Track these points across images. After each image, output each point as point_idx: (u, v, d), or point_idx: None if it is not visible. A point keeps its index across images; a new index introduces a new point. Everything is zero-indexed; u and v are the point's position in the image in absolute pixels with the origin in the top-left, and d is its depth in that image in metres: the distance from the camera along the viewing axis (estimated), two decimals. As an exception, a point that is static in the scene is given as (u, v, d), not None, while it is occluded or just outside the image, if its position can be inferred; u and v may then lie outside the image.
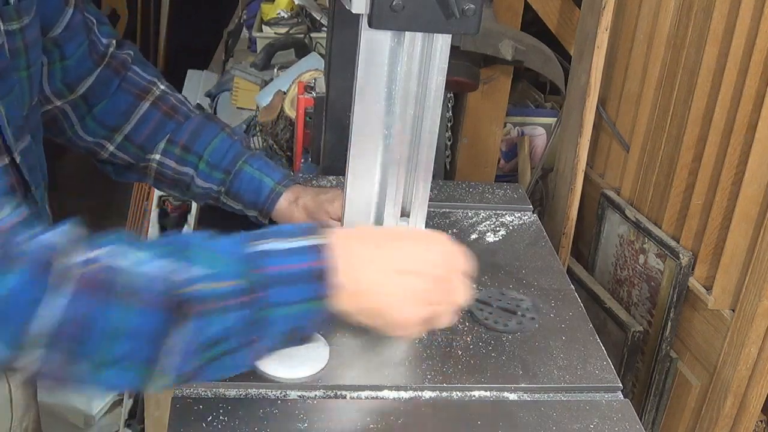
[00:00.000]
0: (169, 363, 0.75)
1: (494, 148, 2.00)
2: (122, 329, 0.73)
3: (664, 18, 1.47)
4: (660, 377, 1.51)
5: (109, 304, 0.72)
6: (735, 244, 1.33)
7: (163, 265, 0.75)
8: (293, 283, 0.79)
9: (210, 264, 0.77)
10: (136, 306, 0.73)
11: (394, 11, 0.86)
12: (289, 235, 0.82)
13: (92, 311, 0.72)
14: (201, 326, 0.75)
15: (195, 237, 0.81)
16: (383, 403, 0.99)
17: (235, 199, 1.20)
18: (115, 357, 0.74)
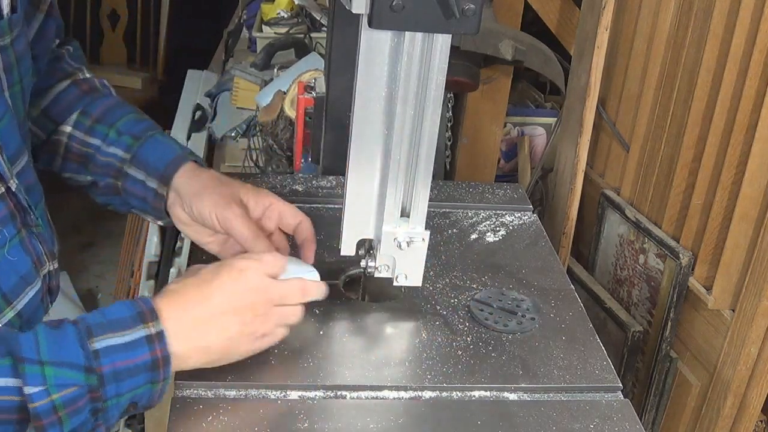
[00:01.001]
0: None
1: (494, 148, 2.00)
2: None
3: (664, 18, 1.47)
4: (660, 377, 1.51)
5: None
6: (735, 244, 1.33)
7: (7, 382, 0.80)
8: (133, 375, 0.86)
9: (46, 373, 0.81)
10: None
11: (394, 11, 0.86)
12: (125, 326, 0.87)
13: None
14: None
15: (26, 338, 0.83)
16: (383, 403, 0.99)
17: (139, 166, 1.11)
18: None
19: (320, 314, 1.11)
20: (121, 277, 2.58)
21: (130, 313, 0.87)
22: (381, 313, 1.13)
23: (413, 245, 1.07)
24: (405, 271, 1.09)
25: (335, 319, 1.10)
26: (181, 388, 0.96)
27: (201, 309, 0.92)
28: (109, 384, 0.84)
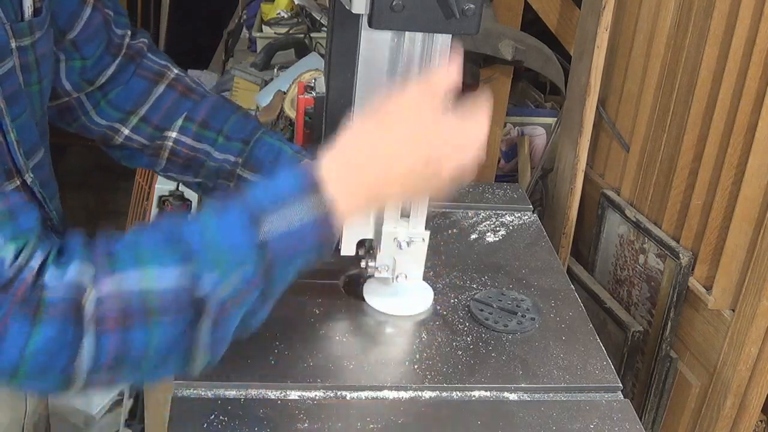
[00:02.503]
0: (201, 351, 0.81)
1: (494, 148, 2.00)
2: (152, 347, 0.78)
3: (664, 18, 1.47)
4: (660, 377, 1.51)
5: (134, 331, 0.77)
6: (735, 244, 1.33)
7: (173, 279, 0.78)
8: (300, 256, 0.84)
9: (219, 267, 0.79)
10: (158, 325, 0.78)
11: (394, 11, 0.86)
12: (294, 208, 0.82)
13: (121, 344, 0.77)
14: (223, 325, 0.81)
15: (195, 233, 0.81)
16: (383, 403, 0.99)
17: (252, 169, 1.16)
18: (151, 366, 0.80)
19: (320, 314, 1.11)
20: (121, 277, 2.57)
21: (298, 191, 0.82)
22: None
23: (413, 245, 1.07)
24: (405, 271, 1.09)
25: (335, 319, 1.10)
26: (181, 388, 0.96)
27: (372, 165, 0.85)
28: (277, 268, 0.82)
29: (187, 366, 0.82)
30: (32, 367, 0.76)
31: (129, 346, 0.77)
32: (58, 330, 0.75)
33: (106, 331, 0.76)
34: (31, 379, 0.78)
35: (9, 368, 0.76)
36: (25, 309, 0.74)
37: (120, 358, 0.77)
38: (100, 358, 0.76)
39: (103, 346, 0.76)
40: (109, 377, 0.79)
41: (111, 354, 0.77)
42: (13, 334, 0.74)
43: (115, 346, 0.77)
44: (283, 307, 1.11)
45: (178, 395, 0.96)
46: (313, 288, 1.16)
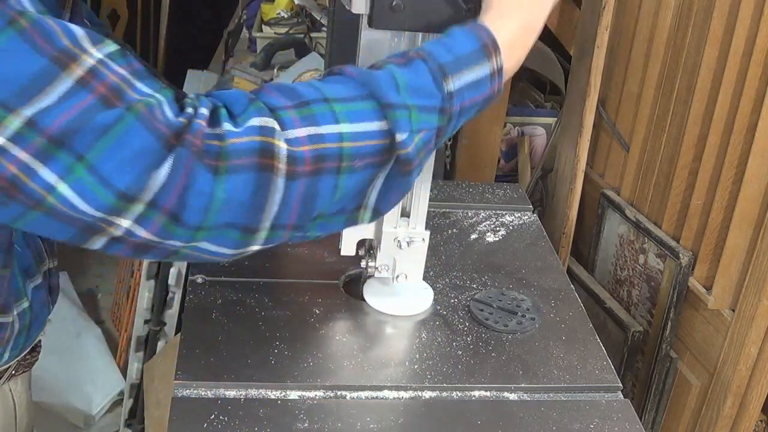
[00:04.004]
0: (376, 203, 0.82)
1: (494, 148, 2.00)
2: (338, 196, 0.78)
3: (664, 18, 1.47)
4: (660, 377, 1.51)
5: (325, 177, 0.76)
6: (735, 244, 1.33)
7: (370, 126, 0.78)
8: (472, 110, 0.85)
9: (411, 120, 0.79)
10: (350, 173, 0.77)
11: (394, 11, 0.86)
12: (472, 62, 0.83)
13: (310, 190, 0.76)
14: (409, 175, 0.81)
15: (388, 83, 0.80)
16: (383, 403, 0.99)
17: None
18: (327, 217, 0.80)
19: (320, 314, 1.11)
20: (121, 277, 2.58)
21: (475, 47, 0.84)
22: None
23: (413, 245, 1.07)
24: (405, 270, 1.09)
25: (335, 319, 1.10)
26: (181, 388, 0.96)
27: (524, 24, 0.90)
28: (454, 121, 0.83)
29: (357, 220, 0.83)
30: (218, 219, 0.73)
31: (317, 193, 0.76)
32: (245, 177, 0.72)
33: (297, 175, 0.74)
34: (215, 234, 0.75)
35: (195, 222, 0.72)
36: (206, 159, 0.71)
37: (305, 206, 0.76)
38: (287, 206, 0.75)
39: (292, 192, 0.74)
40: (289, 231, 0.78)
41: (298, 202, 0.75)
42: (197, 186, 0.71)
43: (304, 192, 0.75)
44: (283, 307, 1.11)
45: (178, 395, 0.96)
46: (313, 288, 1.16)
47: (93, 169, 0.68)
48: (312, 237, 0.83)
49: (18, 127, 0.66)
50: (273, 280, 1.17)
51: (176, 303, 2.02)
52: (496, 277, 1.24)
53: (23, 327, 0.96)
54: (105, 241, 0.73)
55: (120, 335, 2.46)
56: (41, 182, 0.68)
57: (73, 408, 2.23)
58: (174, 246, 0.75)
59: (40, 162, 0.67)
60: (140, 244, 0.74)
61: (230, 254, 0.78)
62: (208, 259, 0.78)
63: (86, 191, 0.68)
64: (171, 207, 0.71)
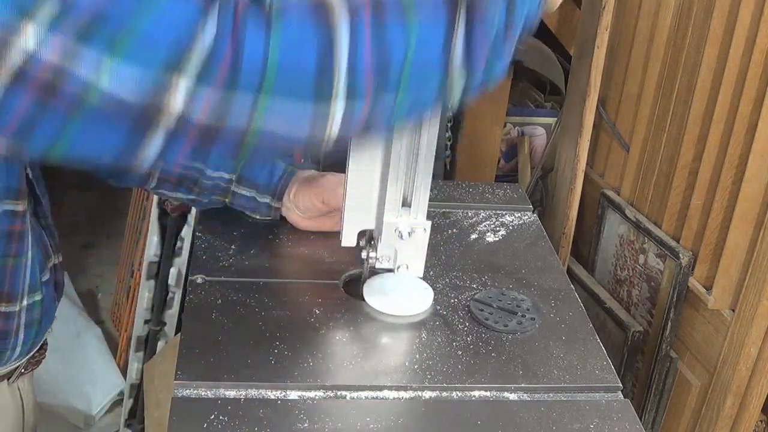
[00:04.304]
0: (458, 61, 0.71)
1: (494, 148, 2.00)
2: (412, 53, 0.67)
3: (664, 18, 1.47)
4: (660, 377, 1.51)
5: (391, 28, 0.66)
6: (735, 244, 1.33)
7: None
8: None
9: None
10: (417, 24, 0.67)
11: (394, 11, 0.86)
12: None
13: (378, 43, 0.66)
14: (484, 27, 0.70)
15: None
16: (383, 403, 0.99)
17: (248, 185, 1.19)
18: (411, 85, 0.69)
19: (320, 314, 1.11)
20: (121, 277, 2.58)
21: None
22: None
23: (414, 235, 1.06)
24: (406, 261, 1.08)
25: (335, 319, 1.10)
26: (181, 388, 0.96)
27: None
28: None
29: (446, 89, 0.71)
30: (280, 84, 0.64)
31: (386, 48, 0.66)
32: (301, 32, 0.64)
33: (359, 24, 0.65)
34: (281, 94, 0.65)
35: (255, 81, 0.63)
36: (255, 17, 0.63)
37: (380, 63, 0.66)
38: (357, 55, 0.65)
39: (359, 44, 0.65)
40: (370, 93, 0.67)
41: (369, 56, 0.65)
42: (249, 40, 0.62)
43: (373, 43, 0.65)
44: (283, 307, 1.11)
45: (178, 395, 0.96)
46: (313, 288, 1.16)
47: (133, 40, 0.59)
48: (403, 111, 0.71)
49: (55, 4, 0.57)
50: (273, 280, 1.17)
51: (176, 303, 2.02)
52: (496, 277, 1.23)
53: (33, 321, 0.96)
54: (163, 137, 0.63)
55: (120, 335, 2.46)
56: (83, 68, 0.59)
57: (73, 408, 2.23)
58: (239, 124, 0.65)
59: (81, 42, 0.58)
60: (202, 128, 0.64)
61: (306, 136, 0.68)
62: (282, 146, 0.69)
63: (131, 64, 0.60)
64: (225, 69, 0.62)
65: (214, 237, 1.24)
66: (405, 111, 0.72)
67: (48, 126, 0.61)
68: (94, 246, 3.06)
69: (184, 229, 1.98)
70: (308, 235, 1.26)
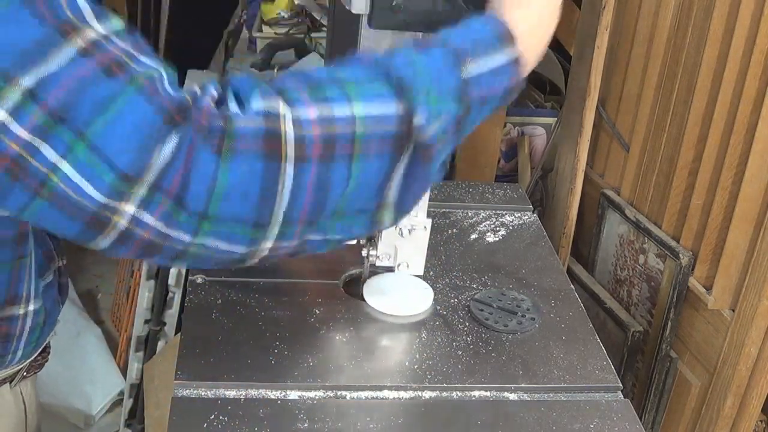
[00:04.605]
0: (394, 199, 0.77)
1: (494, 148, 2.00)
2: (352, 186, 0.72)
3: (664, 18, 1.47)
4: (660, 377, 1.51)
5: (338, 164, 0.71)
6: (735, 244, 1.33)
7: (386, 109, 0.73)
8: (490, 103, 0.81)
9: (431, 102, 0.75)
10: (364, 159, 0.72)
11: (394, 11, 0.86)
12: (489, 50, 0.80)
13: (322, 178, 0.71)
14: (427, 167, 0.76)
15: (405, 66, 0.75)
16: (383, 403, 0.99)
17: None
18: (344, 215, 0.75)
19: (320, 314, 1.11)
20: (121, 277, 2.58)
21: (492, 34, 0.80)
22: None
23: (415, 233, 1.06)
24: (406, 259, 1.08)
25: (335, 319, 1.10)
26: (181, 388, 0.96)
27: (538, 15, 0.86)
28: (473, 112, 0.79)
29: (373, 226, 0.77)
30: (224, 208, 0.69)
31: (330, 181, 0.71)
32: (250, 163, 0.68)
33: (306, 160, 0.69)
34: (223, 228, 0.70)
35: (199, 210, 0.68)
36: (210, 140, 0.67)
37: (318, 196, 0.71)
38: (298, 195, 0.70)
39: (302, 178, 0.69)
40: (303, 226, 0.72)
41: (310, 190, 0.70)
42: (199, 169, 0.67)
43: (315, 180, 0.70)
44: (283, 307, 1.11)
45: (178, 395, 0.96)
46: (313, 288, 1.16)
47: (94, 147, 0.65)
48: (333, 241, 0.78)
49: (18, 100, 0.63)
50: (273, 280, 1.17)
51: (176, 303, 2.02)
52: (496, 277, 1.24)
53: (36, 324, 0.96)
54: (112, 238, 0.70)
55: (120, 335, 2.46)
56: (44, 161, 0.65)
57: (73, 408, 2.23)
58: (181, 241, 0.71)
59: (41, 139, 0.64)
60: (147, 240, 0.70)
61: (242, 253, 0.73)
62: (219, 260, 0.74)
63: (88, 171, 0.65)
64: (175, 189, 0.67)
65: (214, 237, 1.24)
66: (329, 245, 0.78)
67: (18, 196, 0.67)
68: (94, 246, 3.06)
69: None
70: (308, 235, 1.26)
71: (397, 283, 1.16)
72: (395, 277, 1.18)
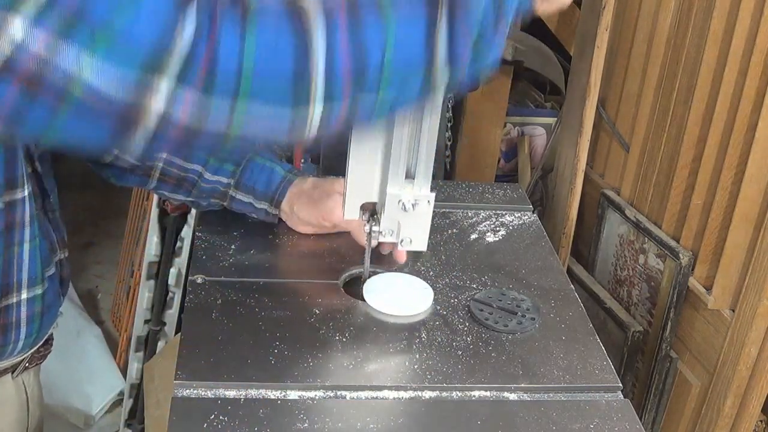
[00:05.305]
0: (442, 63, 0.71)
1: (494, 148, 2.00)
2: (390, 48, 0.67)
3: (664, 18, 1.47)
4: (660, 377, 1.51)
5: (367, 25, 0.67)
6: (735, 244, 1.33)
7: None
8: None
9: None
10: (395, 21, 0.68)
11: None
12: None
13: (354, 43, 0.66)
14: (465, 24, 0.70)
15: None
16: (383, 403, 0.99)
17: (245, 191, 1.19)
18: (391, 82, 0.69)
19: (320, 314, 1.11)
20: (121, 277, 2.58)
21: None
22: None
23: (418, 208, 1.04)
24: (410, 235, 1.06)
25: (335, 319, 1.10)
26: (181, 388, 0.96)
27: None
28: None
29: (430, 86, 0.71)
30: (256, 81, 0.64)
31: (364, 49, 0.66)
32: (275, 32, 0.64)
33: (334, 24, 0.65)
34: (258, 99, 0.65)
35: (231, 86, 0.64)
36: (231, 13, 0.63)
37: (357, 64, 0.66)
38: (335, 58, 0.65)
39: (335, 45, 0.65)
40: (348, 93, 0.67)
41: (345, 58, 0.66)
42: (225, 44, 0.63)
43: (348, 48, 0.66)
44: (283, 307, 1.11)
45: (178, 395, 0.96)
46: (313, 288, 1.16)
47: (112, 44, 0.60)
48: (388, 102, 0.71)
49: (34, 4, 0.58)
50: (273, 280, 1.17)
51: (176, 303, 2.02)
52: (496, 277, 1.24)
53: (34, 314, 0.96)
54: (146, 136, 0.65)
55: (120, 335, 2.46)
56: (65, 61, 0.60)
57: (73, 408, 2.23)
58: (218, 127, 0.66)
59: (62, 37, 0.59)
60: (183, 129, 0.65)
61: (284, 135, 0.68)
62: (261, 144, 0.69)
63: (109, 71, 0.61)
64: (203, 72, 0.63)
65: (214, 237, 1.24)
66: (386, 109, 0.71)
67: (37, 116, 0.62)
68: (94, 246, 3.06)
69: (184, 229, 1.98)
70: (308, 235, 1.26)
71: (397, 283, 1.16)
72: (395, 277, 1.17)
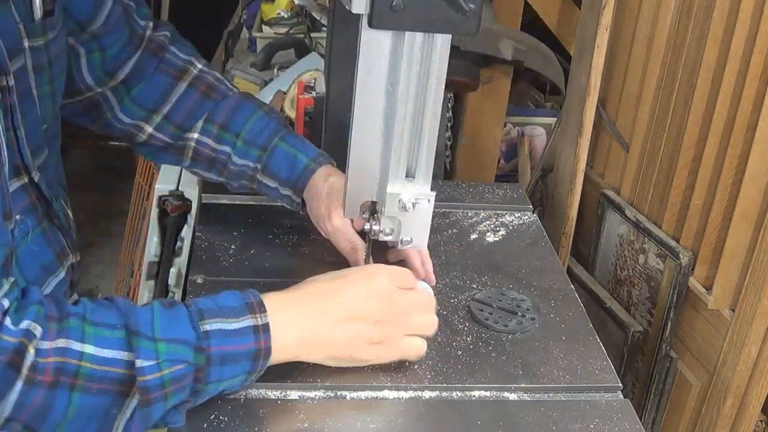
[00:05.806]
0: None
1: (494, 148, 2.00)
2: (72, 412, 0.80)
3: (664, 18, 1.47)
4: (660, 377, 1.51)
5: (61, 391, 0.79)
6: (735, 244, 1.33)
7: (111, 354, 0.81)
8: (237, 361, 0.88)
9: (159, 356, 0.83)
10: (84, 392, 0.80)
11: (394, 11, 0.86)
12: (234, 314, 0.89)
13: (45, 400, 0.79)
14: (147, 411, 0.84)
15: (144, 319, 0.85)
16: (383, 403, 0.99)
17: (270, 177, 1.19)
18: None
19: (320, 314, 1.10)
20: (121, 277, 2.58)
21: (239, 303, 0.90)
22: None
23: (419, 206, 1.04)
24: (410, 234, 1.06)
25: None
26: (181, 388, 0.96)
27: (320, 305, 0.94)
28: (214, 366, 0.86)
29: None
30: None
31: (51, 404, 0.79)
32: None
33: (36, 383, 0.78)
34: None
35: None
36: None
37: (40, 414, 0.79)
38: (21, 409, 0.78)
39: (29, 398, 0.78)
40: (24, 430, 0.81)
41: (32, 408, 0.79)
42: None
43: (40, 401, 0.79)
44: (283, 307, 1.11)
45: (178, 395, 0.96)
46: (313, 288, 1.16)
47: None
48: None
49: None
50: (273, 280, 1.17)
51: (176, 303, 2.01)
52: (496, 277, 1.24)
53: None
54: None
55: (120, 335, 2.45)
56: None
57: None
58: None
59: None
60: None
61: None
62: None
63: None
64: None
65: (214, 237, 1.24)
66: None
67: None
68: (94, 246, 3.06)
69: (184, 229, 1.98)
70: (308, 235, 1.26)
71: None
72: None
